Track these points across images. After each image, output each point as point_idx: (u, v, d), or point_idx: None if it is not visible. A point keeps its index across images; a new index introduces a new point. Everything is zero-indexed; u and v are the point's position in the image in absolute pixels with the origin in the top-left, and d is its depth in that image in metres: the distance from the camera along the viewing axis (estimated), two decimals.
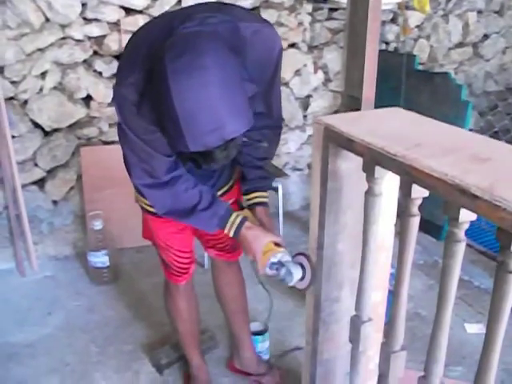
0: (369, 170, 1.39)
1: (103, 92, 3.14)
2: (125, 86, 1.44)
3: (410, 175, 1.23)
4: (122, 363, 2.40)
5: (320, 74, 3.72)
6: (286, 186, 3.61)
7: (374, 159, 1.34)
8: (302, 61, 3.61)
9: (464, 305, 2.73)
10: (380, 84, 3.35)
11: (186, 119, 1.25)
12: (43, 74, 2.99)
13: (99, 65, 3.09)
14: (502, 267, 1.07)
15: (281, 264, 1.68)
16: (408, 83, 3.41)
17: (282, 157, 3.70)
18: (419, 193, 1.27)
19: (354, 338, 1.60)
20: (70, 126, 3.13)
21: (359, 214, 1.50)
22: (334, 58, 3.69)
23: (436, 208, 1.73)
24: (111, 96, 3.11)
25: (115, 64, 3.10)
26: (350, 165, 1.52)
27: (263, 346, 2.35)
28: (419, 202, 1.30)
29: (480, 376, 1.18)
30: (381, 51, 3.51)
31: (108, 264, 2.94)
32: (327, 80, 3.76)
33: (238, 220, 1.68)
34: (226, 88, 1.26)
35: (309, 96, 3.70)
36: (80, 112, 3.12)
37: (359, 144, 1.37)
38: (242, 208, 1.84)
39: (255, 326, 2.37)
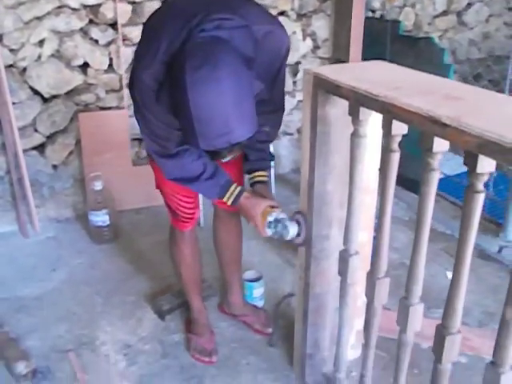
0: (354, 112, 1.53)
1: (100, 59, 3.25)
2: (145, 74, 1.59)
3: (390, 112, 1.38)
4: (126, 312, 2.55)
5: (309, 41, 3.84)
6: (276, 149, 3.76)
7: (358, 101, 1.48)
8: (291, 28, 3.72)
9: (446, 256, 2.89)
10: (366, 49, 3.52)
11: (199, 123, 1.45)
12: (41, 42, 3.09)
13: (95, 33, 3.20)
14: (470, 188, 1.22)
15: (277, 221, 1.85)
16: (393, 48, 3.55)
17: None
18: (399, 130, 1.42)
19: (343, 270, 1.76)
20: (68, 93, 3.24)
21: (346, 156, 1.65)
22: (322, 26, 3.80)
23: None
24: (107, 64, 3.24)
25: (111, 32, 3.22)
26: (337, 110, 1.66)
27: (258, 292, 2.51)
28: (399, 138, 1.45)
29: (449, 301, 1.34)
30: (367, 18, 3.67)
31: (108, 223, 3.08)
32: (316, 47, 3.88)
33: (237, 190, 1.87)
34: (237, 98, 1.45)
35: (298, 63, 3.82)
36: (77, 79, 3.23)
37: (345, 88, 1.51)
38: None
39: (250, 274, 2.54)
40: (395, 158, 1.46)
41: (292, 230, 1.83)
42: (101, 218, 3.06)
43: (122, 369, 2.22)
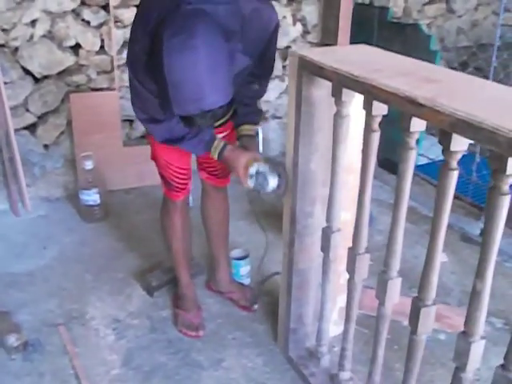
0: (337, 93, 1.59)
1: (91, 41, 3.28)
2: (137, 46, 1.73)
3: (370, 93, 1.43)
4: (115, 288, 2.61)
5: (299, 27, 3.88)
6: (266, 132, 3.82)
7: (340, 82, 1.54)
8: (281, 13, 3.76)
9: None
10: (354, 35, 3.56)
11: (173, 88, 1.54)
12: (33, 23, 3.12)
13: (87, 14, 3.22)
14: (445, 166, 1.29)
15: (259, 173, 1.90)
16: (380, 34, 3.60)
17: (262, 105, 3.88)
18: (379, 110, 1.48)
19: (325, 246, 1.82)
20: (60, 74, 3.27)
21: (330, 136, 1.71)
22: (312, 11, 3.85)
23: None
24: (99, 45, 3.27)
25: (102, 13, 3.24)
26: (321, 92, 1.72)
27: (245, 270, 2.58)
28: (379, 119, 1.51)
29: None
30: (356, 4, 3.71)
31: (99, 202, 3.13)
32: (305, 32, 3.92)
33: (221, 144, 1.93)
34: (211, 67, 1.51)
35: (288, 47, 3.86)
36: (69, 60, 3.26)
37: (328, 70, 1.56)
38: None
39: (237, 253, 2.60)
40: (375, 137, 1.52)
41: (272, 182, 1.88)
42: (91, 197, 3.10)
43: (111, 342, 2.28)
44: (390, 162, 3.49)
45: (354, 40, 3.49)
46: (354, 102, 1.61)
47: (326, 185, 1.80)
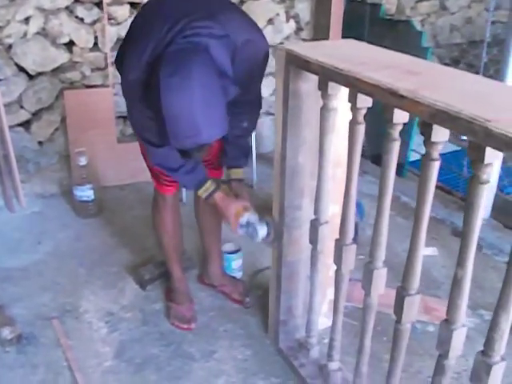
0: (323, 86, 1.62)
1: (85, 38, 3.31)
2: (131, 74, 1.76)
3: (355, 86, 1.46)
4: (109, 282, 2.63)
5: (292, 23, 3.91)
6: (259, 129, 3.84)
7: (326, 76, 1.57)
8: (274, 10, 3.79)
9: None
10: (346, 32, 3.58)
11: (170, 124, 1.62)
12: (27, 20, 3.14)
13: (81, 11, 3.25)
14: (427, 156, 1.32)
15: (249, 224, 2.02)
16: (372, 31, 3.62)
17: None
18: (364, 103, 1.50)
19: (313, 238, 1.85)
20: (54, 70, 3.30)
21: (317, 130, 1.73)
22: (304, 8, 3.88)
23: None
24: (92, 42, 3.29)
25: (96, 11, 3.27)
26: (308, 85, 1.74)
27: (237, 264, 2.61)
28: (364, 111, 1.53)
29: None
30: (348, 1, 3.73)
31: (93, 198, 3.15)
32: (299, 29, 3.95)
33: (212, 188, 2.03)
34: (206, 104, 1.60)
35: (281, 44, 3.89)
36: (63, 57, 3.29)
37: (314, 64, 1.59)
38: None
39: (229, 247, 2.63)
40: (361, 130, 1.55)
41: (261, 232, 2.00)
42: (85, 193, 3.13)
43: (104, 335, 2.30)
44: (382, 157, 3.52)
45: (346, 36, 3.52)
46: (340, 96, 1.64)
47: (313, 178, 1.83)
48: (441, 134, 1.26)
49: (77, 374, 2.08)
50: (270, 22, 3.82)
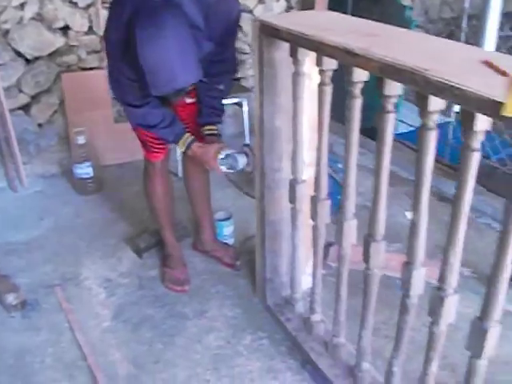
0: (293, 52, 1.73)
1: (80, 21, 3.42)
2: (113, 35, 1.93)
3: (319, 50, 1.58)
4: (107, 252, 2.77)
5: (282, 2, 4.00)
6: (251, 104, 3.94)
7: (296, 42, 1.68)
8: None
9: (406, 198, 3.11)
10: (332, 7, 3.67)
11: (149, 74, 1.78)
12: (22, 5, 3.25)
13: None
14: (383, 109, 1.43)
15: (228, 156, 2.15)
16: (358, 6, 3.71)
17: (248, 79, 4.02)
18: (329, 65, 1.62)
19: (292, 197, 1.97)
20: (51, 55, 3.41)
21: (291, 96, 1.85)
22: None
23: None
24: (87, 26, 3.39)
25: None
26: (281, 53, 1.86)
27: (228, 230, 2.74)
28: (330, 73, 1.65)
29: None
30: None
31: (92, 175, 3.29)
32: (289, 7, 4.03)
33: (190, 139, 2.17)
34: (180, 52, 1.76)
35: None
36: (59, 41, 3.40)
37: (283, 31, 1.71)
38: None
39: (221, 215, 2.76)
40: (327, 91, 1.66)
41: (241, 160, 2.14)
42: (84, 171, 3.26)
43: (103, 299, 2.45)
44: (371, 128, 3.62)
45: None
46: (311, 61, 1.75)
47: (290, 141, 1.94)
48: (393, 88, 1.38)
49: (77, 333, 2.23)
50: (261, 1, 3.91)
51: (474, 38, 3.35)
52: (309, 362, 2.02)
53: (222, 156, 2.13)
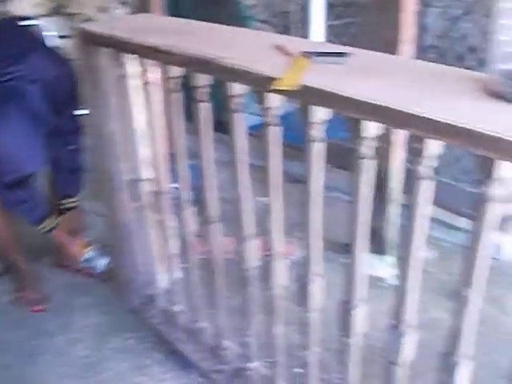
0: (116, 57, 1.79)
1: None
2: None
3: (136, 52, 1.67)
4: None
5: (124, 10, 4.02)
6: None
7: (117, 47, 1.75)
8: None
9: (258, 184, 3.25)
10: (173, 11, 3.69)
11: None
12: None
13: None
14: (196, 98, 1.52)
15: (91, 258, 2.34)
16: (200, 6, 3.73)
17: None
18: (150, 65, 1.69)
19: (134, 195, 2.03)
20: None
21: (121, 98, 1.90)
22: None
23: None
24: None
25: None
26: (105, 58, 1.89)
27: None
28: (155, 74, 1.72)
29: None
30: None
31: None
32: (134, 13, 4.05)
33: (54, 223, 2.22)
34: (22, 142, 1.92)
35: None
36: None
37: (105, 38, 1.75)
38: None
39: None
40: (155, 89, 1.75)
41: (99, 266, 2.35)
42: None
43: None
44: (221, 123, 3.74)
45: (173, 15, 3.64)
46: (133, 63, 1.80)
47: (127, 142, 1.99)
48: (202, 79, 1.48)
49: None
50: (103, 10, 3.93)
51: (303, 29, 3.57)
52: (174, 352, 2.09)
53: (84, 258, 2.32)
